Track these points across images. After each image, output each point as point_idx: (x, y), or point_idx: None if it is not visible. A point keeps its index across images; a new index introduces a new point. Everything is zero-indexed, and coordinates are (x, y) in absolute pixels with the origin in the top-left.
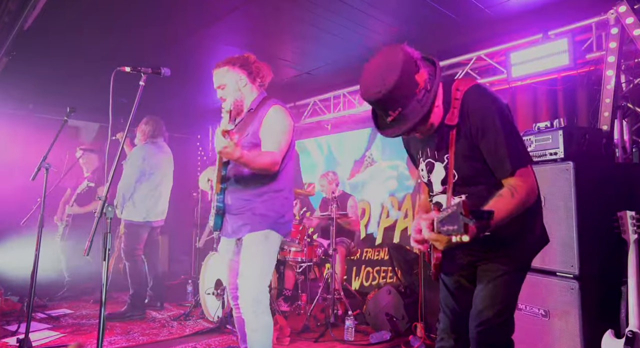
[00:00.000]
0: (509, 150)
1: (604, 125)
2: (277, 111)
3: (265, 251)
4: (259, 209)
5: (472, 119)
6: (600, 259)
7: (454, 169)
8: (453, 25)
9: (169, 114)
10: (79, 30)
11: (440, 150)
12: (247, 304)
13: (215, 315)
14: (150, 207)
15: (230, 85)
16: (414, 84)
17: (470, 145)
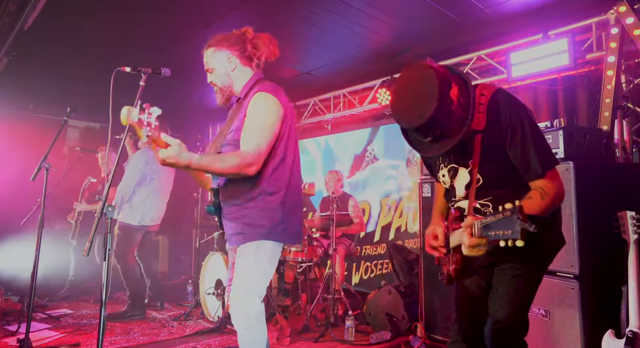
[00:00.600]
0: (538, 153)
1: (604, 125)
2: (259, 100)
3: (254, 264)
4: (251, 217)
5: (502, 123)
6: (600, 259)
7: (478, 174)
8: (453, 25)
9: (169, 114)
10: (79, 30)
11: (464, 155)
12: (237, 319)
13: (215, 315)
14: (147, 211)
15: (217, 69)
16: (450, 103)
17: (497, 149)
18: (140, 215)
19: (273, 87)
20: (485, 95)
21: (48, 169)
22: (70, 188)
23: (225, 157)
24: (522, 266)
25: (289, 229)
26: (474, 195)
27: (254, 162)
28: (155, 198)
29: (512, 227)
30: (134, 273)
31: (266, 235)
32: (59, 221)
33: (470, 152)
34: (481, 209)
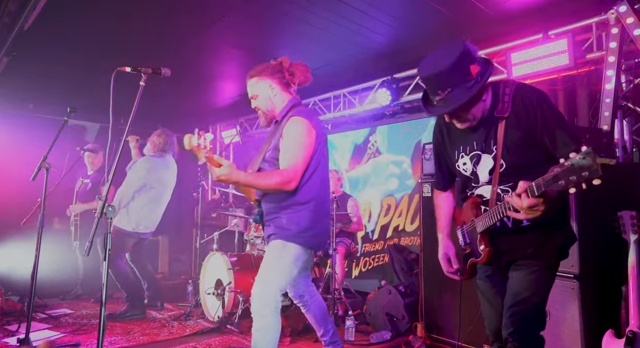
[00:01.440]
0: (570, 132)
1: (604, 125)
2: (294, 123)
3: (279, 259)
4: (283, 222)
5: (530, 109)
6: (600, 259)
7: (501, 159)
8: (453, 25)
9: (169, 114)
10: (79, 30)
11: (488, 141)
12: (254, 306)
13: (215, 315)
14: (142, 218)
15: (261, 96)
16: (467, 72)
17: (522, 135)
18: (135, 222)
19: (306, 112)
20: (510, 87)
21: (48, 169)
22: (70, 189)
23: (269, 175)
24: (540, 262)
25: (315, 236)
26: (497, 180)
27: (292, 179)
28: (153, 207)
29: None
30: (126, 276)
31: (292, 238)
32: (59, 221)
33: (494, 138)
34: (502, 195)
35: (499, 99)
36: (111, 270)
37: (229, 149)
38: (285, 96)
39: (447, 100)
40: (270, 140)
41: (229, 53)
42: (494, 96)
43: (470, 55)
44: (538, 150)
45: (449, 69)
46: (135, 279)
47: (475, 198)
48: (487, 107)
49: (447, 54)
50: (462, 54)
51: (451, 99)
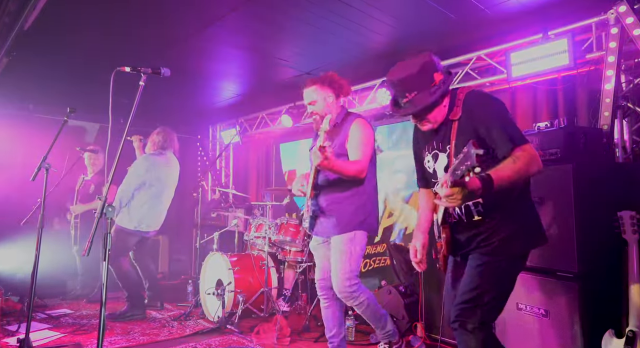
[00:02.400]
0: (509, 131)
1: (604, 125)
2: (360, 124)
3: (351, 250)
4: (347, 212)
5: (475, 111)
6: (600, 259)
7: (454, 157)
8: (453, 25)
9: (169, 114)
10: (79, 30)
11: (444, 141)
12: (344, 299)
13: (215, 315)
14: (143, 217)
15: (320, 102)
16: (430, 79)
17: (471, 135)
18: (137, 221)
19: (364, 116)
20: (463, 93)
21: (48, 169)
22: (70, 189)
23: (350, 163)
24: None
25: (373, 223)
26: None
27: (364, 168)
28: (154, 205)
29: (469, 157)
30: (128, 276)
31: (359, 226)
32: (59, 221)
33: (449, 138)
34: None
35: (454, 104)
36: (113, 269)
37: (228, 148)
38: (338, 104)
39: (412, 102)
40: (331, 139)
41: (229, 53)
42: (451, 101)
43: (434, 65)
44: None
45: (415, 74)
46: (137, 279)
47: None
48: (446, 112)
49: (414, 62)
50: (427, 62)
51: (416, 101)
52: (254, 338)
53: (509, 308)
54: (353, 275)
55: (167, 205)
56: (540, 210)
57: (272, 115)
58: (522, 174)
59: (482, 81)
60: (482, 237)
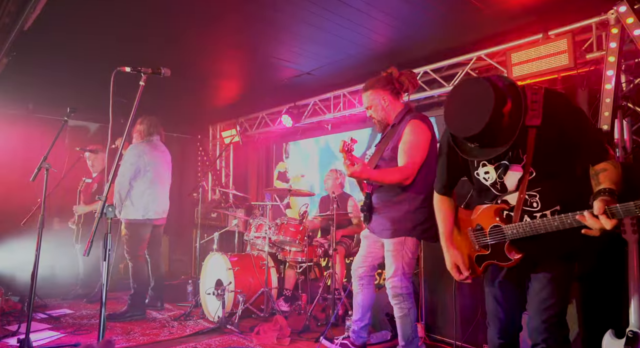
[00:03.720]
0: (601, 138)
1: (604, 125)
2: (412, 126)
3: (401, 255)
4: (396, 217)
5: (564, 117)
6: (600, 259)
7: (531, 166)
8: (453, 25)
9: (169, 114)
10: (79, 30)
11: (517, 151)
12: (391, 296)
13: (215, 315)
14: (148, 203)
15: (375, 106)
16: (502, 118)
17: (554, 142)
18: (143, 209)
19: (421, 116)
20: (538, 94)
21: (48, 169)
22: (70, 189)
23: (391, 172)
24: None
25: (426, 231)
26: (525, 188)
27: (410, 175)
28: (155, 191)
29: None
30: (143, 272)
31: (409, 232)
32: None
33: (523, 146)
34: (529, 199)
35: (527, 107)
36: (132, 265)
37: (228, 148)
38: (398, 104)
39: (484, 148)
40: (387, 141)
41: (229, 53)
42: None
43: (501, 96)
44: (565, 155)
45: (486, 127)
46: (147, 278)
47: (501, 205)
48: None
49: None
50: (496, 101)
51: (490, 146)
52: (254, 338)
53: None
54: (405, 277)
55: (166, 190)
56: None
57: (272, 115)
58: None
59: None
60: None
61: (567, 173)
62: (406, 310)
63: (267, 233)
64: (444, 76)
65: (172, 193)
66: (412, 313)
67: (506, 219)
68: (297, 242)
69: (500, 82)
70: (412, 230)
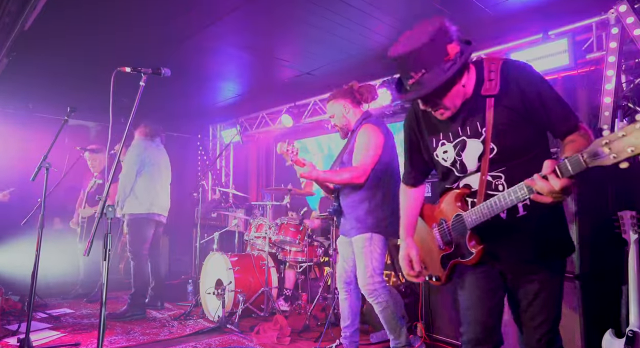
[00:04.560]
0: (568, 108)
1: (605, 124)
2: (364, 129)
3: (369, 251)
4: (361, 215)
5: (525, 84)
6: (600, 259)
7: (492, 142)
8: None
9: (169, 114)
10: (79, 30)
11: (475, 124)
12: (366, 295)
13: (215, 314)
14: (152, 198)
15: (337, 114)
16: (443, 52)
17: (515, 113)
18: (148, 203)
19: (375, 120)
20: (496, 64)
21: (48, 169)
22: (70, 189)
23: (340, 171)
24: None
25: (392, 225)
26: (487, 167)
27: (360, 174)
28: (158, 187)
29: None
30: (144, 271)
31: (373, 229)
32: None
33: (482, 119)
34: (493, 181)
35: (483, 78)
36: (134, 263)
37: (229, 148)
38: (358, 112)
39: (421, 84)
40: (346, 146)
41: (229, 53)
42: (478, 76)
43: (447, 34)
44: (530, 129)
45: (422, 47)
46: (148, 277)
47: (463, 190)
48: (469, 92)
49: (420, 32)
50: (437, 31)
51: (425, 81)
52: (254, 338)
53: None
54: (375, 273)
55: (168, 189)
56: None
57: (272, 115)
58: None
59: None
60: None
61: (536, 150)
62: (384, 303)
63: (267, 233)
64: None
65: (172, 193)
66: (393, 305)
67: (470, 206)
68: (297, 242)
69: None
70: (376, 227)
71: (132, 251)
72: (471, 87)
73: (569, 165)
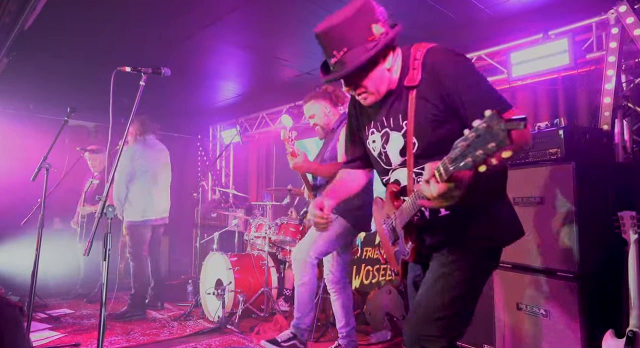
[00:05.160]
0: (493, 94)
1: (605, 124)
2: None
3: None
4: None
5: (442, 74)
6: (600, 259)
7: (414, 136)
8: (453, 25)
9: (169, 114)
10: (79, 30)
11: (397, 116)
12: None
13: (215, 315)
14: (146, 205)
15: (318, 114)
16: (367, 31)
17: (436, 106)
18: (142, 210)
19: None
20: (421, 51)
21: (48, 169)
22: (70, 189)
23: (328, 166)
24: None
25: (361, 217)
26: (412, 161)
27: None
28: (153, 191)
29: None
30: (144, 272)
31: (341, 213)
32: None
33: (404, 112)
34: (416, 179)
35: (409, 67)
36: (134, 265)
37: (229, 148)
38: (336, 112)
39: (343, 63)
40: (327, 144)
41: (228, 53)
42: (405, 64)
43: (373, 14)
44: (454, 123)
45: (343, 23)
46: (147, 278)
47: (392, 186)
48: (396, 80)
49: (345, 10)
50: (360, 9)
51: (347, 61)
52: (254, 338)
53: (509, 308)
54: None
55: (167, 188)
56: (540, 210)
57: (272, 115)
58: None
59: None
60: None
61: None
62: (306, 280)
63: (267, 233)
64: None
65: (172, 194)
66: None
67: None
68: (297, 242)
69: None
70: (343, 212)
71: (132, 253)
72: (397, 75)
73: (442, 169)
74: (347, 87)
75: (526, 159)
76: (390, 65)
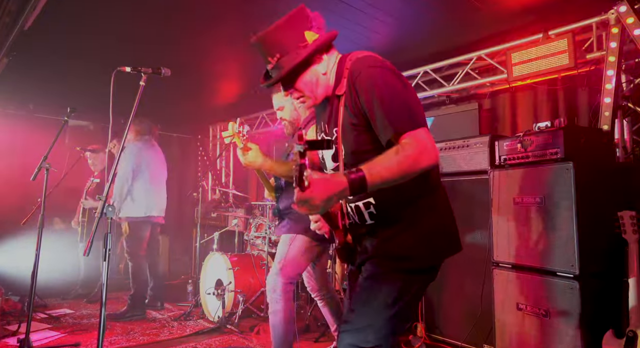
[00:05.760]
0: (394, 112)
1: (605, 125)
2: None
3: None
4: (297, 216)
5: (359, 86)
6: (601, 259)
7: (342, 144)
8: (453, 25)
9: (169, 114)
10: (79, 30)
11: (330, 124)
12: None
13: (215, 315)
14: (149, 201)
15: (287, 107)
16: (299, 38)
17: (355, 115)
18: (145, 207)
19: None
20: (351, 60)
21: (48, 169)
22: (70, 189)
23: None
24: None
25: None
26: (342, 168)
27: None
28: (154, 188)
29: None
30: (143, 272)
31: (302, 232)
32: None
33: (335, 119)
34: None
35: (341, 75)
36: (132, 264)
37: (229, 148)
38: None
39: (278, 68)
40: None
41: (229, 53)
42: (339, 71)
43: (306, 21)
44: (372, 135)
45: (276, 31)
46: (146, 278)
47: None
48: (332, 85)
49: (279, 19)
50: (292, 17)
51: (281, 66)
52: (254, 338)
53: (509, 308)
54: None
55: (163, 189)
56: (540, 210)
57: (272, 115)
58: (407, 167)
59: (482, 81)
60: (376, 245)
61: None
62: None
63: (267, 233)
64: (444, 76)
65: (172, 193)
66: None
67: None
68: None
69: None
70: (304, 231)
71: (130, 252)
72: (333, 82)
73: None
74: (285, 91)
75: (526, 159)
76: (326, 70)
